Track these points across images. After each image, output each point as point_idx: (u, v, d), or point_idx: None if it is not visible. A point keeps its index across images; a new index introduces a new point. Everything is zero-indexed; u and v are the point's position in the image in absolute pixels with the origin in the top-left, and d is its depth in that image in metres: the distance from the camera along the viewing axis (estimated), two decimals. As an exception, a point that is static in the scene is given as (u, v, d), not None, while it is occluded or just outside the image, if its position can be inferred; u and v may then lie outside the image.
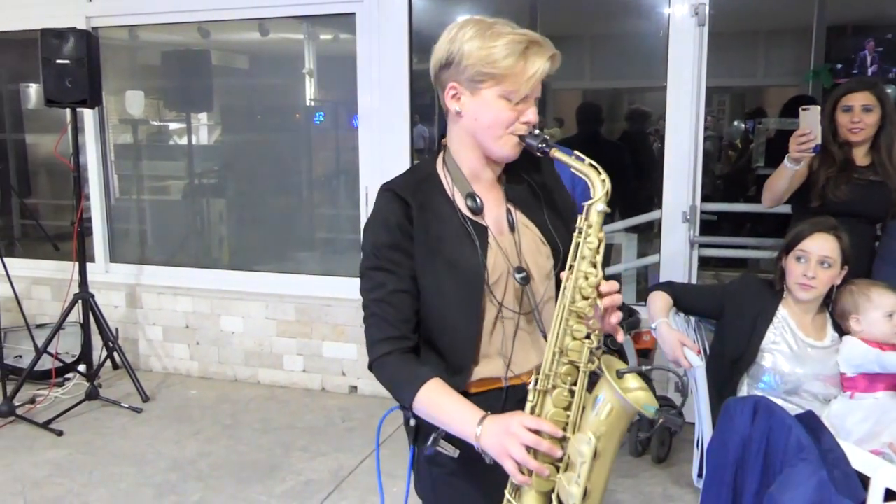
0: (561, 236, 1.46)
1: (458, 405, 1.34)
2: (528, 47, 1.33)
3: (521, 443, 1.23)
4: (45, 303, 4.79)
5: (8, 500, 3.10)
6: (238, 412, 4.03)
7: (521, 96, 1.35)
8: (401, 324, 1.40)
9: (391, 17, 3.97)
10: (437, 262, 1.40)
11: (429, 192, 1.43)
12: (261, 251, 4.78)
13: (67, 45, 3.91)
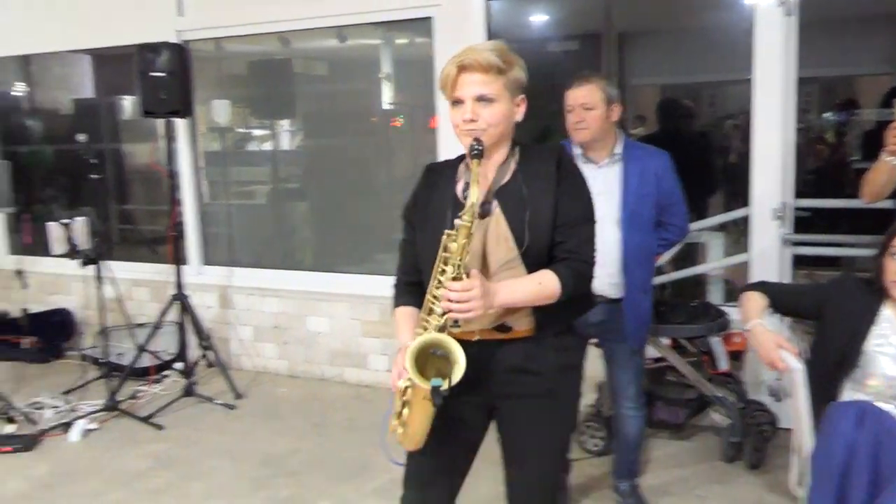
0: (532, 230, 1.72)
1: (403, 328, 1.83)
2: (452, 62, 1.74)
3: (396, 369, 1.75)
4: (143, 303, 5.02)
5: (114, 490, 3.28)
6: (326, 410, 4.14)
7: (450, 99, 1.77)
8: (406, 265, 1.92)
9: (468, 20, 3.99)
10: (424, 227, 1.81)
11: (445, 174, 1.86)
12: (343, 253, 4.89)
13: (161, 59, 4.10)
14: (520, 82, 1.78)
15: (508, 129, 1.78)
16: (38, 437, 3.75)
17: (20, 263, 4.52)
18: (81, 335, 5.25)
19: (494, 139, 1.75)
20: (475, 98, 1.70)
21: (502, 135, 1.77)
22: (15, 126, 5.80)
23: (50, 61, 5.87)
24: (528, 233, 1.71)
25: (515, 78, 1.75)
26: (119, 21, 4.85)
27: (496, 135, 1.74)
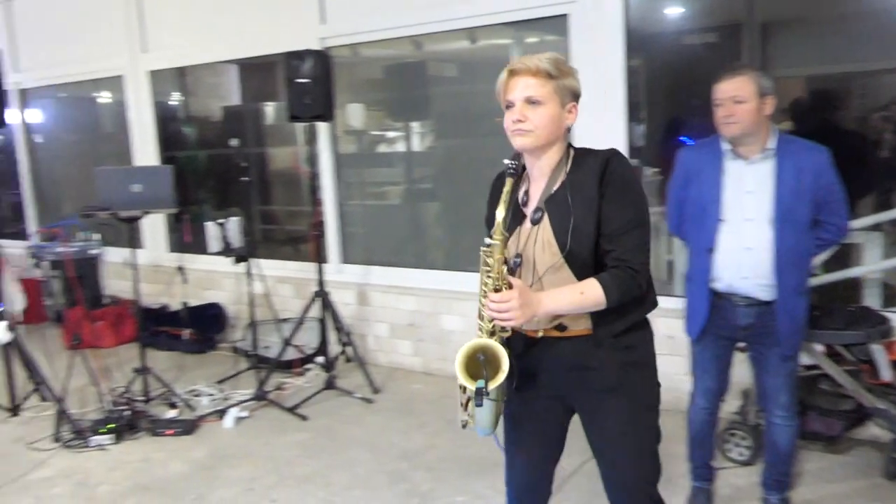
0: (575, 238, 1.79)
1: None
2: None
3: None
4: (287, 299, 5.28)
5: (266, 475, 3.47)
6: (459, 408, 4.19)
7: (504, 104, 1.87)
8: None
9: (605, 16, 3.93)
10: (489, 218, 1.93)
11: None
12: (475, 252, 4.92)
13: (306, 66, 4.29)
14: (572, 90, 1.85)
15: (557, 132, 1.84)
16: (196, 422, 4.04)
17: (180, 260, 4.88)
18: (232, 328, 5.59)
19: (542, 141, 1.82)
20: (524, 100, 1.80)
21: (550, 137, 1.83)
22: (172, 133, 6.26)
23: (202, 72, 6.29)
24: (570, 240, 1.79)
25: (567, 85, 1.83)
26: (267, 32, 5.14)
27: (544, 136, 1.82)
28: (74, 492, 3.37)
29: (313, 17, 4.91)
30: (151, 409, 4.23)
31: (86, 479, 3.49)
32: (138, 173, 4.28)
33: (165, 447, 3.80)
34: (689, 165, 2.73)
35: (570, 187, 1.82)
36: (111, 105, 6.77)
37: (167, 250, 6.04)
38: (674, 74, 4.36)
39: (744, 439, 3.30)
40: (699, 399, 2.86)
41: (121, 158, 6.23)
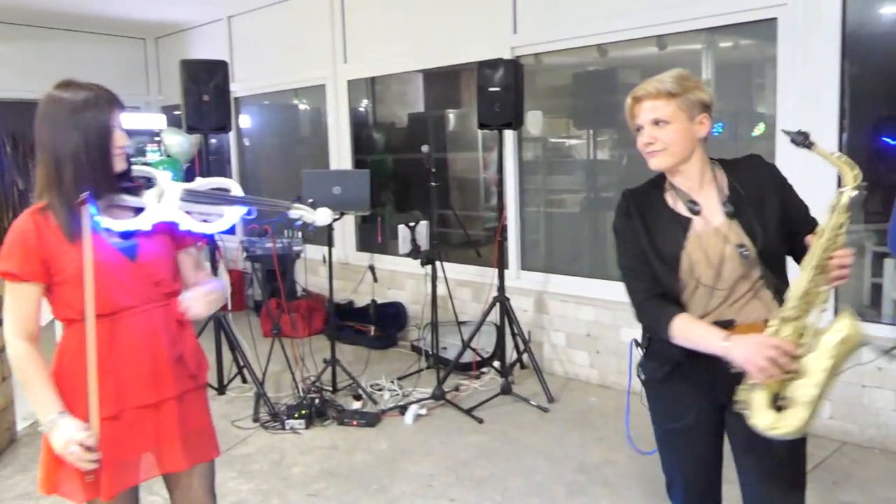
0: (766, 233, 1.83)
1: (706, 329, 1.81)
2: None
3: (765, 355, 1.67)
4: (465, 302, 5.40)
5: (444, 474, 3.56)
6: (639, 424, 4.05)
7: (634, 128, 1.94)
8: (644, 277, 1.90)
9: (820, 18, 3.66)
10: (648, 243, 1.89)
11: (651, 193, 1.97)
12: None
13: (498, 74, 4.37)
14: (700, 102, 1.87)
15: (690, 145, 1.88)
16: (379, 415, 4.23)
17: (370, 260, 5.14)
18: (413, 327, 5.80)
19: (678, 157, 1.88)
20: (651, 122, 1.87)
21: (684, 152, 1.88)
22: (363, 138, 6.61)
23: (390, 80, 6.59)
24: (763, 234, 1.83)
25: (693, 98, 1.86)
26: (459, 42, 5.29)
27: (678, 152, 1.87)
28: (271, 470, 3.64)
29: (506, 27, 4.99)
30: (338, 399, 4.48)
31: (281, 459, 3.76)
32: (339, 176, 4.55)
33: (351, 436, 4.01)
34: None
35: (743, 186, 1.88)
36: (309, 112, 7.28)
37: (356, 249, 6.39)
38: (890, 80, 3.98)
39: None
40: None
41: (317, 161, 6.68)
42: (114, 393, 1.78)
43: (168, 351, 1.86)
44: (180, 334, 1.90)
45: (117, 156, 1.76)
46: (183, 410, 1.90)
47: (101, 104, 1.74)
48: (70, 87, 1.76)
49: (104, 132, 1.73)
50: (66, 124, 1.72)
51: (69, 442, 1.69)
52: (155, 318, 1.84)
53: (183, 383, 1.90)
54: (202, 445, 1.96)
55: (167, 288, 1.88)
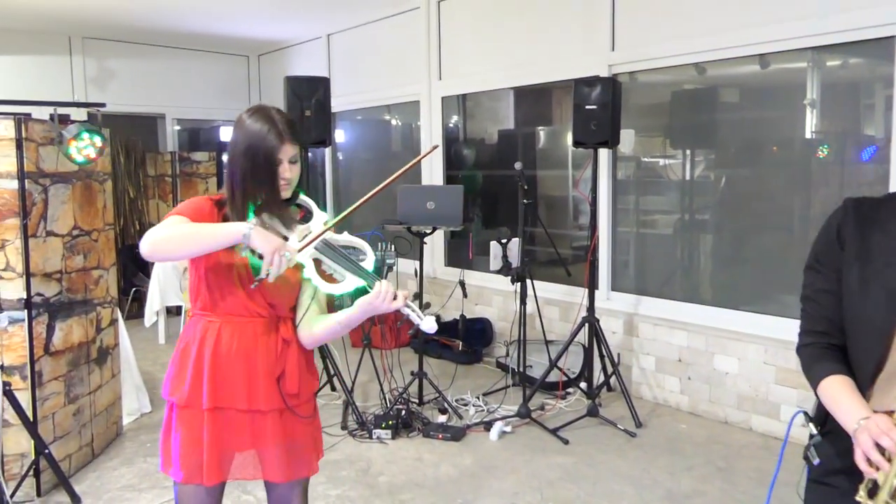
0: None
1: (851, 399, 1.46)
2: None
3: (871, 436, 1.35)
4: (552, 321, 5.36)
5: (529, 492, 3.54)
6: (731, 456, 3.94)
7: None
8: (823, 320, 1.57)
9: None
10: (862, 269, 1.49)
11: (884, 210, 1.53)
12: (749, 290, 4.61)
13: (595, 92, 4.34)
14: None
15: None
16: (464, 430, 4.24)
17: (460, 275, 5.18)
18: (499, 344, 5.80)
19: None
20: None
21: None
22: (453, 153, 6.68)
23: (481, 97, 6.64)
24: None
25: None
26: (554, 59, 5.30)
27: None
28: (358, 478, 3.70)
29: (604, 44, 4.96)
30: (424, 411, 4.52)
31: (368, 467, 3.82)
32: (433, 192, 4.62)
33: (436, 449, 4.03)
34: None
35: None
36: (401, 127, 7.42)
37: (444, 264, 6.45)
38: None
39: None
40: None
41: (408, 176, 6.76)
42: (214, 388, 1.89)
43: (264, 366, 1.91)
44: (282, 354, 1.94)
45: (280, 186, 1.86)
46: (284, 426, 1.96)
47: (271, 138, 1.82)
48: (254, 115, 1.87)
49: (270, 163, 1.83)
50: (240, 151, 1.85)
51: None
52: (258, 331, 1.92)
53: (280, 401, 1.93)
54: (300, 463, 2.01)
55: (281, 312, 1.96)
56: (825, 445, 1.58)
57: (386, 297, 1.79)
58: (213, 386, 1.89)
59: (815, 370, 1.56)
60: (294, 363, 1.96)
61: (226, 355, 1.90)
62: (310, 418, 2.03)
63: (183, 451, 1.92)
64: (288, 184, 1.88)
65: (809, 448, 1.59)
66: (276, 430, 1.94)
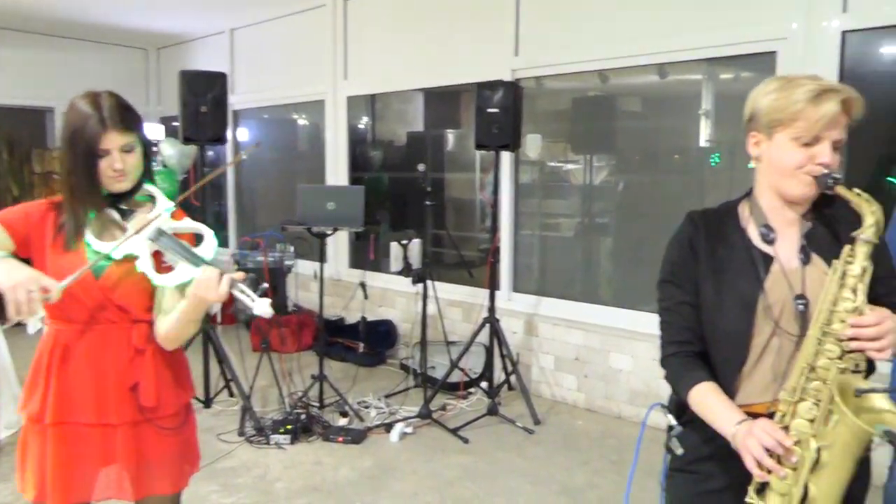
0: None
1: (724, 405, 1.53)
2: (819, 94, 1.47)
3: (761, 443, 1.40)
4: (455, 322, 5.40)
5: (428, 493, 3.55)
6: (624, 449, 4.07)
7: (811, 137, 1.48)
8: (685, 331, 1.62)
9: (819, 53, 3.71)
10: (716, 282, 1.59)
11: (724, 223, 1.64)
12: (646, 291, 4.78)
13: (497, 96, 4.40)
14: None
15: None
16: (365, 432, 4.21)
17: (361, 276, 5.14)
18: (402, 345, 5.79)
19: None
20: (833, 141, 1.50)
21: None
22: (359, 154, 6.64)
23: (390, 98, 6.64)
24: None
25: None
26: (460, 63, 5.34)
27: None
28: (254, 484, 3.61)
29: (508, 49, 5.04)
30: (325, 415, 4.46)
31: (265, 473, 3.73)
32: (334, 192, 4.57)
33: (336, 453, 3.98)
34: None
35: (828, 221, 1.62)
36: (307, 127, 7.32)
37: (348, 266, 6.39)
38: (891, 118, 4.03)
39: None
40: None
41: (313, 177, 6.70)
42: (58, 402, 1.76)
43: (115, 376, 1.78)
44: (135, 363, 1.80)
45: (111, 178, 1.73)
46: (139, 440, 1.83)
47: (92, 125, 1.68)
48: (82, 100, 1.72)
49: (89, 153, 1.69)
50: (66, 140, 1.72)
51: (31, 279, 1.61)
52: (108, 339, 1.78)
53: (134, 414, 1.80)
54: (159, 478, 1.87)
55: (136, 315, 1.80)
56: (688, 435, 1.66)
57: (210, 283, 1.65)
58: (57, 399, 1.76)
59: (683, 380, 1.60)
60: (150, 373, 1.81)
61: (74, 366, 1.77)
62: (173, 430, 1.87)
63: (34, 469, 1.80)
64: (123, 175, 1.73)
65: (671, 439, 1.67)
66: (128, 445, 1.80)
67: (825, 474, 1.40)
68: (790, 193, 1.55)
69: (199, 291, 1.67)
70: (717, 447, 1.54)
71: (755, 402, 1.56)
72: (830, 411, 1.41)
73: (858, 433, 1.36)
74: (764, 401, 1.55)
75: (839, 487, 1.41)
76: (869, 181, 4.09)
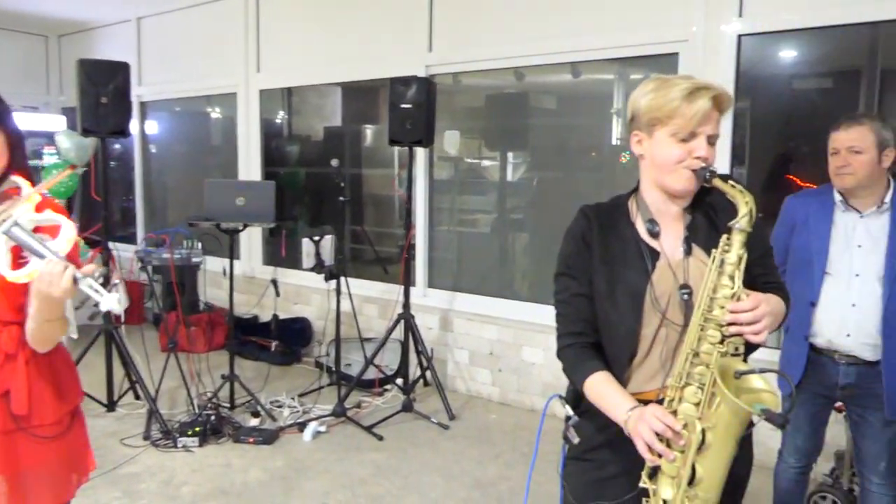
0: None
1: (616, 393, 1.58)
2: (692, 92, 1.54)
3: (651, 428, 1.45)
4: (371, 319, 5.37)
5: (340, 491, 3.52)
6: (535, 441, 4.14)
7: (687, 133, 1.56)
8: (580, 322, 1.66)
9: (718, 55, 3.86)
10: (608, 274, 1.64)
11: (615, 217, 1.70)
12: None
13: (411, 92, 4.39)
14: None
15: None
16: (277, 432, 4.13)
17: (274, 273, 5.04)
18: (317, 343, 5.71)
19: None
20: (708, 136, 1.58)
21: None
22: (275, 149, 6.51)
23: (307, 93, 6.53)
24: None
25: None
26: (375, 57, 5.31)
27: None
28: (159, 490, 3.50)
29: (422, 45, 5.03)
30: (236, 415, 4.36)
31: (171, 478, 3.62)
32: (243, 187, 4.47)
33: (246, 454, 3.90)
34: (797, 214, 2.64)
35: (713, 212, 1.69)
36: (220, 120, 7.12)
37: (262, 263, 6.26)
38: (783, 119, 4.24)
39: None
40: (788, 457, 2.74)
41: (226, 171, 6.53)
42: None
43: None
44: (5, 369, 1.70)
45: None
46: (11, 450, 1.72)
47: None
48: None
49: None
50: None
51: None
52: None
53: (6, 422, 1.70)
54: (33, 491, 1.77)
55: (4, 317, 1.69)
56: (584, 424, 1.70)
57: (52, 277, 1.54)
58: None
59: (578, 370, 1.64)
60: (22, 379, 1.71)
61: None
62: (51, 438, 1.77)
63: None
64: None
65: (568, 429, 1.71)
66: (0, 456, 1.70)
67: (710, 454, 1.46)
68: (673, 187, 1.61)
69: (42, 287, 1.55)
70: (612, 435, 1.59)
71: (646, 390, 1.62)
72: (713, 394, 1.47)
73: (739, 413, 1.43)
74: (654, 388, 1.61)
75: (723, 466, 1.48)
76: (767, 178, 4.30)
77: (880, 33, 4.63)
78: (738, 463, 1.52)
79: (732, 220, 1.52)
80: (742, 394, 1.46)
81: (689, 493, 1.48)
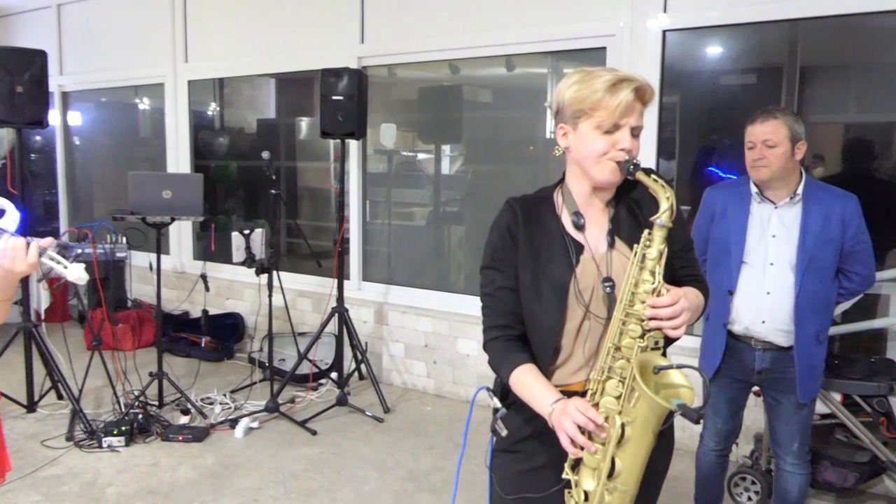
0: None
1: (541, 386, 1.59)
2: (615, 83, 1.54)
3: (574, 421, 1.47)
4: (305, 313, 5.32)
5: (272, 487, 3.48)
6: (470, 432, 4.16)
7: (611, 125, 1.56)
8: (507, 315, 1.67)
9: (644, 51, 3.95)
10: (534, 267, 1.64)
11: (541, 209, 1.69)
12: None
13: (342, 83, 4.36)
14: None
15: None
16: (207, 430, 4.06)
17: (204, 268, 4.93)
18: (250, 338, 5.63)
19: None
20: (632, 128, 1.58)
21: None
22: (206, 142, 6.36)
23: (240, 84, 6.40)
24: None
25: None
26: (306, 49, 5.24)
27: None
28: (83, 491, 3.39)
29: (354, 36, 4.99)
30: (164, 413, 4.26)
31: (94, 479, 3.51)
32: (169, 180, 4.34)
33: (175, 453, 3.82)
34: (715, 204, 2.73)
35: (636, 205, 1.69)
36: (148, 111, 6.92)
37: (192, 257, 6.12)
38: (708, 113, 4.36)
39: (753, 484, 3.25)
40: (709, 440, 2.83)
41: (155, 164, 6.36)
42: None
43: None
44: None
45: None
46: None
47: None
48: None
49: None
50: None
51: None
52: None
53: None
54: None
55: None
56: (511, 416, 1.70)
57: (17, 252, 1.52)
58: None
59: (504, 363, 1.64)
60: None
61: None
62: None
63: None
64: None
65: (496, 421, 1.69)
66: None
67: (629, 448, 1.49)
68: (597, 179, 1.62)
69: (6, 262, 1.52)
70: (539, 426, 1.60)
71: (571, 383, 1.64)
72: (633, 389, 1.49)
73: (656, 408, 1.46)
74: (579, 380, 1.63)
75: (641, 459, 1.51)
76: (693, 171, 4.42)
77: (800, 30, 4.83)
78: (656, 455, 1.56)
79: (654, 216, 1.53)
80: (661, 389, 1.50)
81: (608, 485, 1.50)
